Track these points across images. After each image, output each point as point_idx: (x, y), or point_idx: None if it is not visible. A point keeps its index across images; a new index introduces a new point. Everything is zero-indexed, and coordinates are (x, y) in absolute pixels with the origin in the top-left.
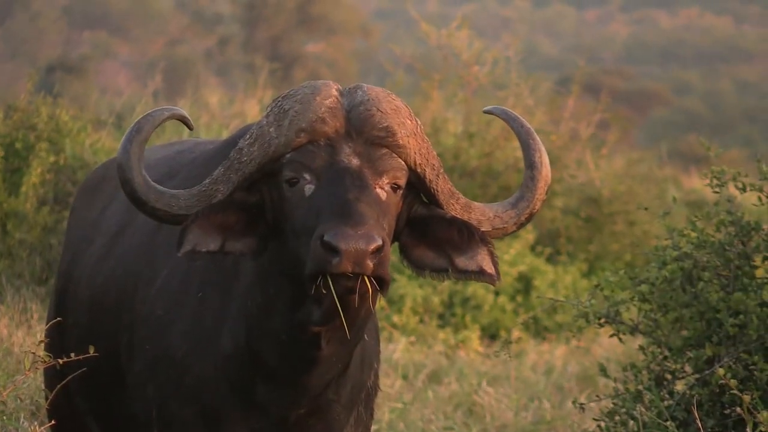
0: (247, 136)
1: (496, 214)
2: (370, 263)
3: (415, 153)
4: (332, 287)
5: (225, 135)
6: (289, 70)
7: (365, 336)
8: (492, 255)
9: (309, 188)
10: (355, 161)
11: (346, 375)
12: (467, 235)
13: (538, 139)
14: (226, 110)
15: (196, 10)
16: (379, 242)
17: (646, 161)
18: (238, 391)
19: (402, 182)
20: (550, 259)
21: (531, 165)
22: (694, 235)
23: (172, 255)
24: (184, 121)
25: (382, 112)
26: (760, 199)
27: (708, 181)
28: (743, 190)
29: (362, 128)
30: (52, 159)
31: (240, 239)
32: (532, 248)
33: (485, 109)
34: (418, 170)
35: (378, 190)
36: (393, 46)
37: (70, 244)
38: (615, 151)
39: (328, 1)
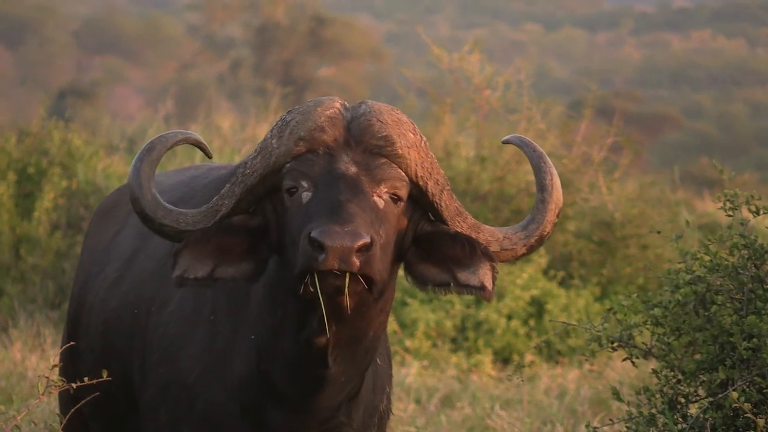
0: (254, 151)
1: (506, 236)
2: (356, 260)
3: (416, 165)
4: (318, 285)
5: (237, 159)
6: (301, 94)
7: (377, 360)
8: (493, 270)
9: (306, 195)
10: (352, 169)
11: (357, 398)
12: (470, 250)
13: (549, 162)
14: (238, 134)
15: (208, 35)
16: (366, 240)
17: (659, 185)
18: (249, 416)
19: (402, 193)
20: (563, 283)
21: (542, 188)
22: (707, 258)
23: None
24: (201, 147)
25: (381, 122)
26: None
27: (721, 204)
28: (756, 213)
29: (361, 137)
30: (64, 184)
31: (234, 264)
32: (545, 272)
33: (504, 139)
34: (420, 183)
35: (375, 198)
36: (404, 70)
37: (83, 269)
38: (627, 174)
39: (339, 25)
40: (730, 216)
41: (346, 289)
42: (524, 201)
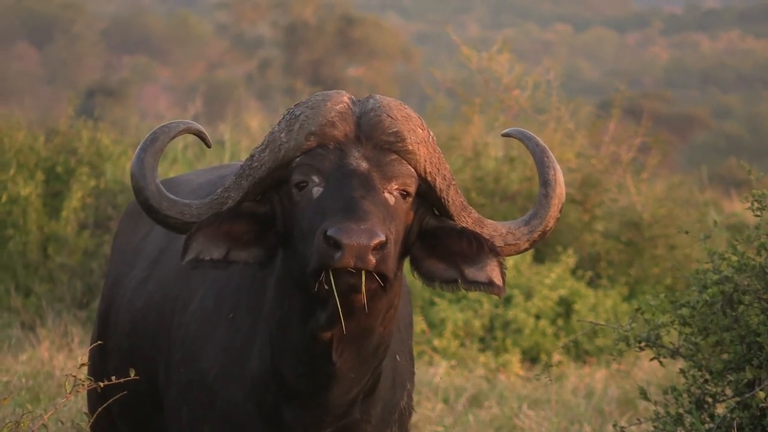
0: (261, 144)
1: (509, 231)
2: (372, 258)
3: (425, 161)
4: (333, 283)
5: None
6: None
7: (397, 357)
8: (501, 266)
9: (317, 190)
10: (363, 165)
11: (375, 395)
12: (476, 246)
13: (552, 156)
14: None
15: (237, 34)
16: (382, 238)
17: (687, 185)
18: (265, 413)
19: (411, 189)
20: (591, 283)
21: (545, 182)
22: (734, 258)
23: (207, 278)
24: (200, 136)
25: (392, 118)
26: None
27: (749, 204)
28: None
29: (372, 133)
30: (92, 183)
31: (246, 249)
32: (573, 272)
33: (504, 132)
34: (429, 179)
35: (386, 195)
36: (434, 70)
37: (113, 269)
38: (656, 174)
39: (369, 24)
40: (757, 216)
41: (363, 287)
42: None
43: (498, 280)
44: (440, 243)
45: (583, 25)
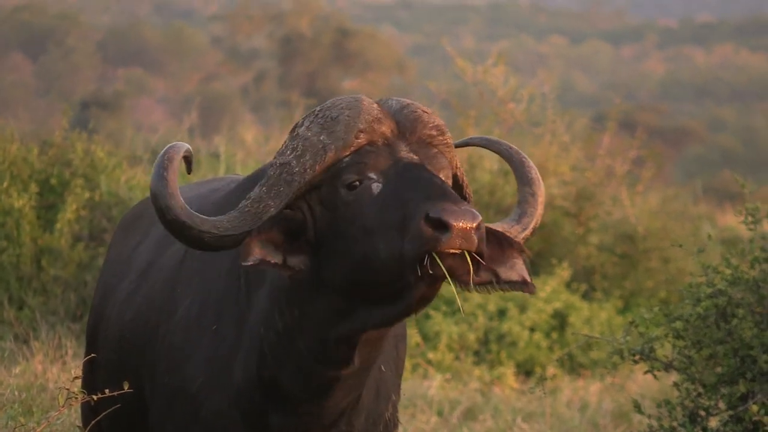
0: (288, 151)
1: (505, 230)
2: (476, 238)
3: (454, 155)
4: (441, 265)
5: None
6: None
7: (381, 367)
8: (527, 264)
9: (377, 186)
10: (415, 158)
11: (358, 406)
12: (507, 246)
13: (527, 156)
14: (262, 147)
15: (232, 46)
16: (480, 218)
17: (681, 198)
18: (250, 422)
19: (450, 183)
20: (585, 296)
21: (530, 181)
22: (728, 272)
23: (191, 288)
24: (187, 161)
25: (427, 113)
26: None
27: (742, 218)
28: None
29: (414, 128)
30: (87, 195)
31: (295, 255)
32: (568, 285)
33: (459, 142)
34: (458, 173)
35: None
36: (429, 83)
37: (103, 281)
38: (650, 187)
39: (364, 37)
40: (751, 230)
41: (471, 268)
42: (547, 214)
43: (528, 278)
44: None
45: (578, 37)
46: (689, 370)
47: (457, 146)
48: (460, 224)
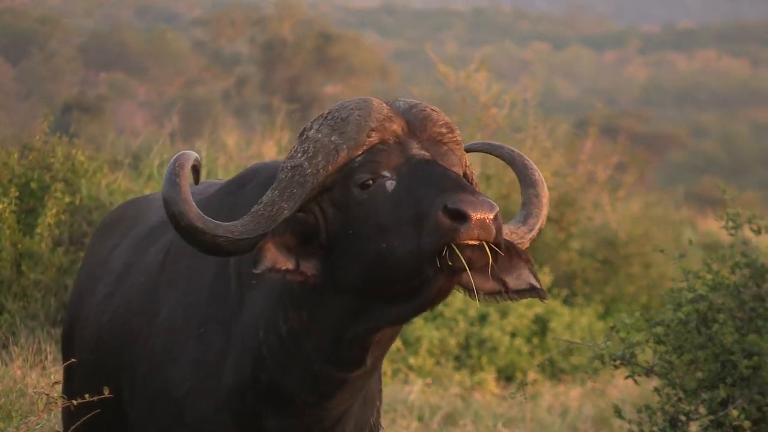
0: (299, 154)
1: (512, 231)
2: (494, 228)
3: (463, 154)
4: (461, 256)
5: None
6: (307, 112)
7: None
8: (534, 272)
9: (390, 184)
10: (427, 155)
11: (349, 412)
12: (514, 255)
13: (529, 159)
14: (244, 152)
15: (214, 51)
16: (498, 208)
17: (663, 203)
18: (241, 424)
19: None
20: (566, 301)
21: (533, 183)
22: (709, 277)
23: (175, 291)
24: (195, 170)
25: (435, 111)
26: None
27: (723, 223)
28: (758, 232)
29: (425, 126)
30: (67, 199)
31: (308, 260)
32: (549, 290)
33: (468, 146)
34: (467, 172)
35: None
36: (412, 88)
37: (79, 283)
38: (632, 193)
39: (346, 42)
40: (732, 235)
41: (490, 259)
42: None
43: (537, 284)
44: None
45: (561, 43)
46: (670, 375)
47: (467, 150)
48: (479, 214)
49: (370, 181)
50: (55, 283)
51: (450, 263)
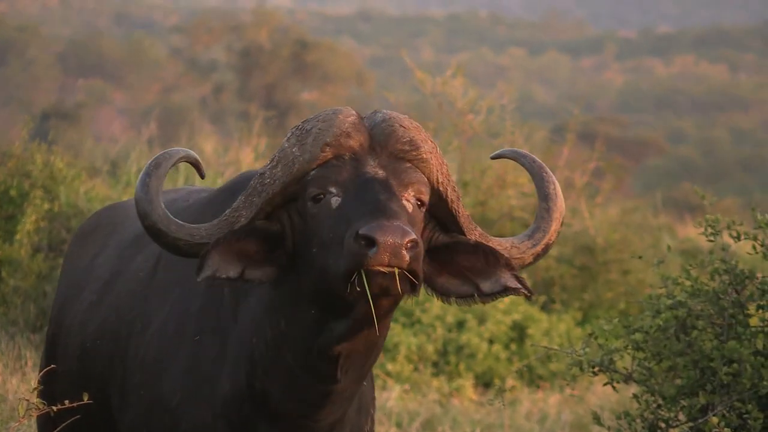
0: (269, 161)
1: (513, 245)
2: (406, 256)
3: (437, 171)
4: (367, 284)
5: (220, 183)
6: (284, 118)
7: (364, 382)
8: (518, 278)
9: (336, 200)
10: (380, 172)
11: (344, 420)
12: (492, 261)
13: (550, 171)
14: (221, 158)
15: (191, 58)
16: (413, 236)
17: (641, 210)
18: None
19: (425, 198)
20: (545, 308)
21: (546, 197)
22: (688, 283)
23: (167, 300)
24: (197, 166)
25: (404, 127)
26: (754, 247)
27: (702, 229)
28: (738, 238)
29: (386, 142)
30: (46, 206)
31: (259, 268)
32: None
33: (495, 153)
34: (440, 189)
35: (404, 202)
36: (388, 94)
37: (61, 292)
38: (610, 199)
39: (323, 48)
40: (711, 241)
41: (399, 286)
42: (506, 226)
43: (514, 284)
44: (451, 259)
45: (537, 49)
46: (649, 381)
47: (493, 158)
48: (388, 240)
49: (321, 196)
50: (34, 290)
51: (358, 288)
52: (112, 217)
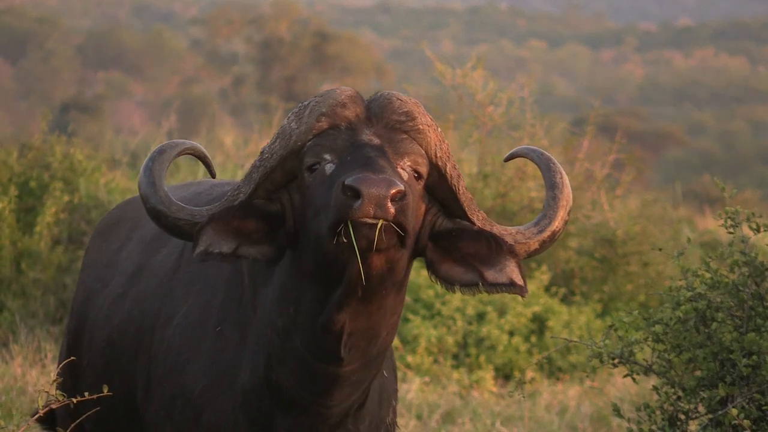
0: (270, 141)
1: (519, 231)
2: (391, 207)
3: (435, 145)
4: (353, 235)
5: (240, 175)
6: None
7: (384, 372)
8: (520, 267)
9: (330, 167)
10: (376, 140)
11: (363, 410)
12: (495, 248)
13: (557, 163)
14: (241, 150)
15: (211, 50)
16: (401, 187)
17: (661, 202)
18: (256, 423)
19: (423, 171)
20: (565, 300)
21: (552, 185)
22: (708, 275)
23: (190, 292)
24: (206, 162)
25: (401, 100)
26: None
27: (722, 221)
28: (757, 230)
29: (382, 113)
30: (66, 198)
31: (255, 246)
32: (547, 289)
33: (509, 154)
34: (439, 164)
35: (399, 170)
36: (407, 86)
37: (84, 285)
38: (630, 191)
39: (343, 40)
40: (731, 233)
41: (382, 238)
42: (527, 218)
43: (519, 281)
44: (455, 245)
45: (557, 41)
46: (669, 373)
47: (506, 160)
48: (372, 191)
49: (317, 165)
50: (54, 282)
51: (344, 240)
52: (134, 210)
